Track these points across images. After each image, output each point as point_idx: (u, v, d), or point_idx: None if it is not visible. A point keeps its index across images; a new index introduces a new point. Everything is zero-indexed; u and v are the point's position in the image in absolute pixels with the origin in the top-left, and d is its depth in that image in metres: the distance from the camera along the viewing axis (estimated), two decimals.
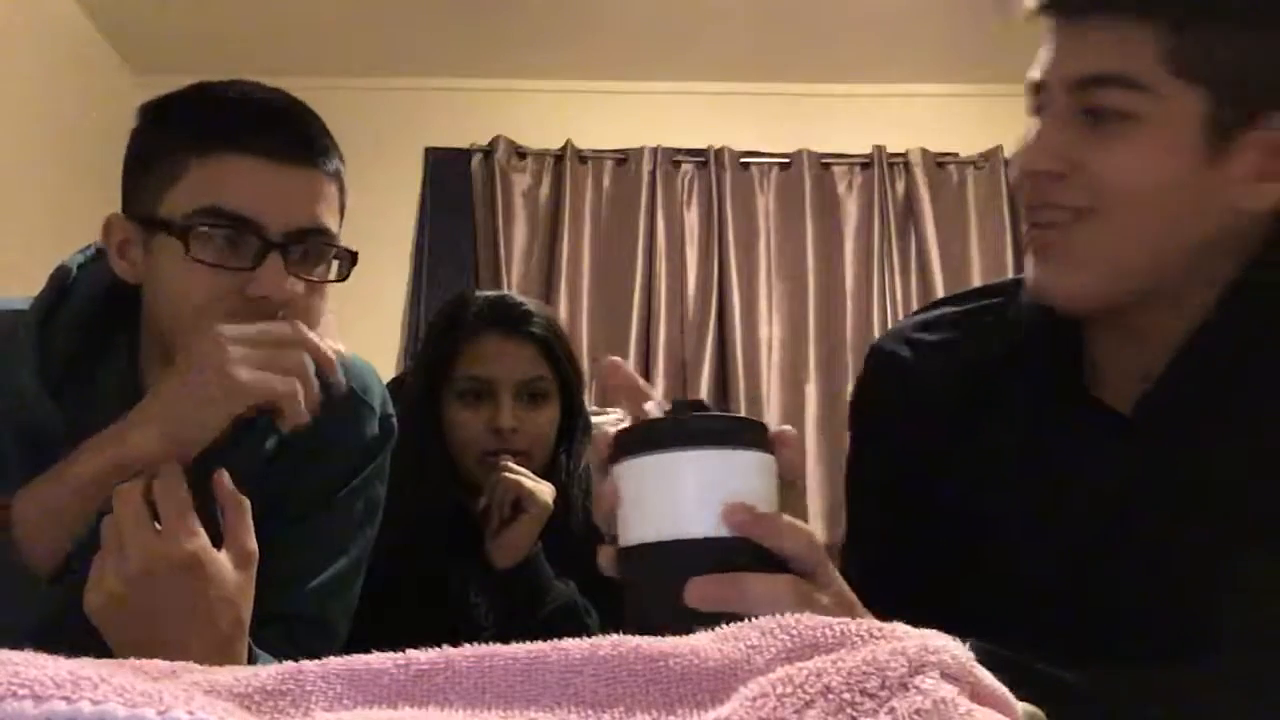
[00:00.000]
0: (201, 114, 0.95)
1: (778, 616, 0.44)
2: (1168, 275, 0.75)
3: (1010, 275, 1.00)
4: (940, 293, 3.26)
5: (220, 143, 0.91)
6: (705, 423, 0.61)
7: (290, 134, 0.94)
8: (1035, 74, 0.78)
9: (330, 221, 0.96)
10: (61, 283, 0.99)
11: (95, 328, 0.98)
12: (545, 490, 1.36)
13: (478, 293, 1.51)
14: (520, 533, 1.34)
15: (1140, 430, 0.77)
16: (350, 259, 0.98)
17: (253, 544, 0.80)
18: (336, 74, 3.43)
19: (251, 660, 0.81)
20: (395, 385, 1.51)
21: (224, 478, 0.81)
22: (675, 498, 0.59)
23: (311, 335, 0.87)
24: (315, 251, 0.95)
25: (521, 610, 1.34)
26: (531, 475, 1.37)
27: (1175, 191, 0.72)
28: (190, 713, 0.33)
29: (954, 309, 0.96)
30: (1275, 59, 0.71)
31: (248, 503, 0.80)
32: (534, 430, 1.42)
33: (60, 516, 0.83)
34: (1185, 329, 0.76)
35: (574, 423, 1.49)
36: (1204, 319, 0.76)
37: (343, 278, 0.99)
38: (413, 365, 1.68)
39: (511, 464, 1.37)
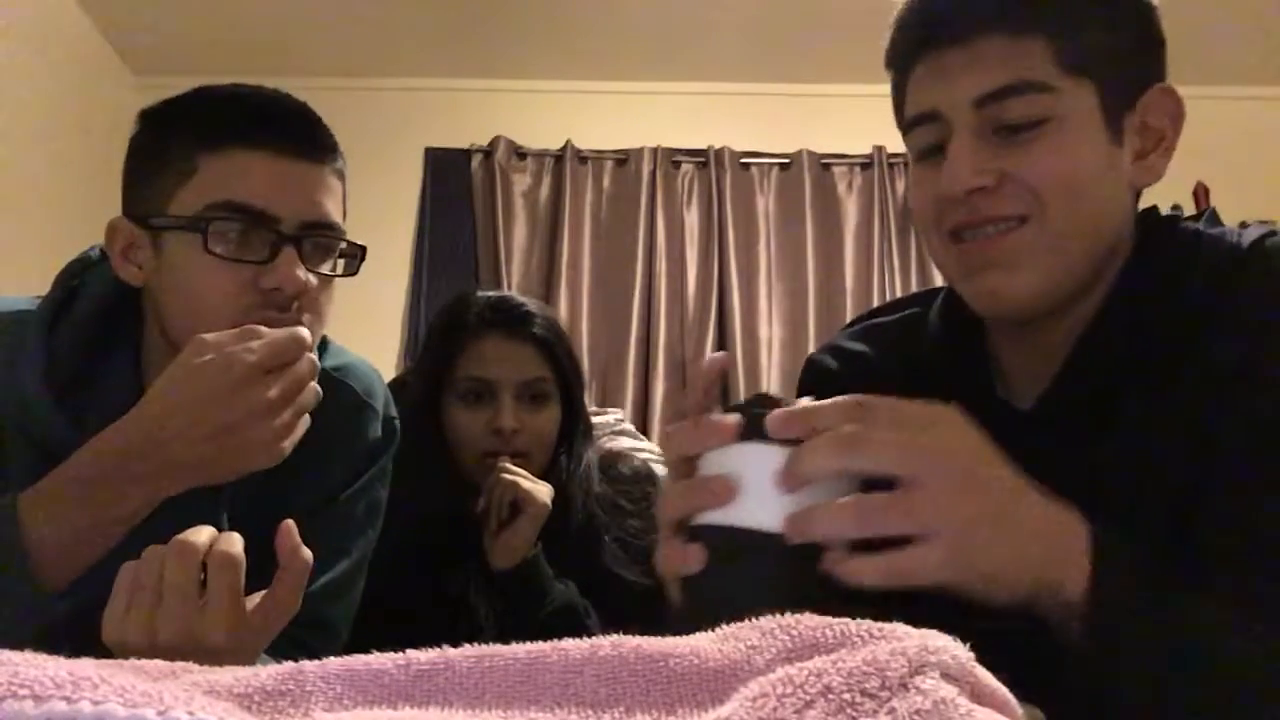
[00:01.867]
0: (210, 112, 0.95)
1: (778, 617, 0.44)
2: (1097, 264, 0.80)
3: None
4: None
5: (231, 139, 0.92)
6: None
7: (299, 130, 0.95)
8: (924, 106, 0.81)
9: (338, 217, 0.98)
10: (69, 284, 0.99)
11: (100, 332, 0.98)
12: (543, 490, 1.35)
13: (479, 293, 1.50)
14: (519, 533, 1.34)
15: (1039, 426, 0.80)
16: (360, 254, 1.00)
17: (297, 605, 0.77)
18: (336, 74, 3.43)
19: None
20: (396, 386, 1.51)
21: (293, 533, 0.76)
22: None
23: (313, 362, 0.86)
24: (325, 246, 0.97)
25: (521, 611, 1.34)
26: (529, 475, 1.36)
27: (1099, 178, 0.78)
28: (190, 713, 0.33)
29: (881, 319, 1.00)
30: (1131, 47, 0.80)
31: (309, 564, 0.77)
32: (535, 431, 1.42)
33: (83, 546, 0.82)
34: (1078, 331, 0.81)
35: (574, 424, 1.49)
36: (1092, 321, 0.81)
37: (352, 272, 1.00)
38: (413, 366, 1.68)
39: (509, 464, 1.36)
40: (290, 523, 0.76)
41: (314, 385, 0.85)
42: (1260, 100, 3.55)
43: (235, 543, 0.74)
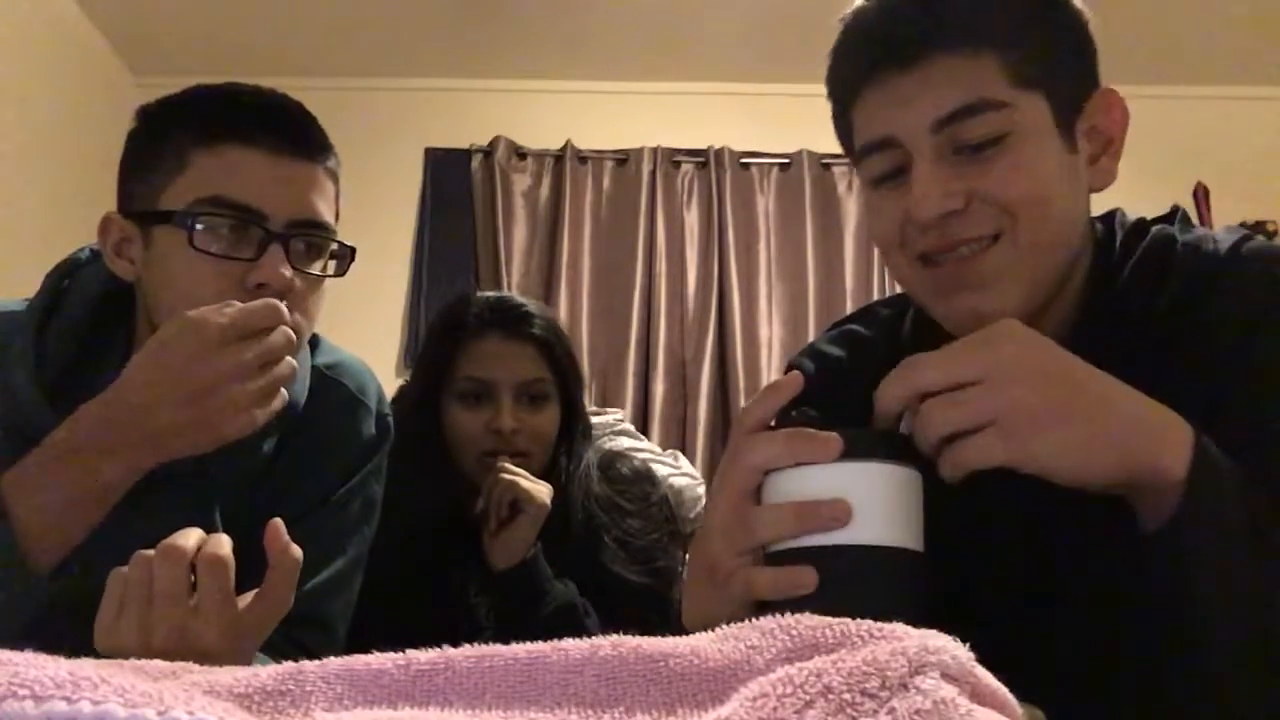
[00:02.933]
0: (204, 110, 0.96)
1: (778, 617, 0.44)
2: (1064, 272, 0.80)
3: None
4: None
5: (224, 136, 0.92)
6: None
7: (291, 130, 0.95)
8: (878, 133, 0.79)
9: (328, 216, 0.97)
10: (58, 285, 0.99)
11: (91, 331, 0.98)
12: (543, 490, 1.35)
13: (478, 293, 1.50)
14: (518, 533, 1.34)
15: None
16: (349, 255, 1.00)
17: (289, 603, 0.77)
18: (336, 74, 3.43)
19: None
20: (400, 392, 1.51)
21: (281, 532, 0.76)
22: (906, 508, 0.62)
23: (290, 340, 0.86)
24: (315, 246, 0.96)
25: (521, 611, 1.34)
26: (528, 475, 1.36)
27: (1062, 187, 0.78)
28: (190, 713, 0.33)
29: (857, 328, 1.00)
30: (1071, 55, 0.80)
31: (299, 562, 0.76)
32: (534, 431, 1.42)
33: (68, 520, 0.83)
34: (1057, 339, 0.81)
35: (574, 424, 1.49)
36: (1070, 330, 0.81)
37: (341, 273, 1.00)
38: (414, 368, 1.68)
39: (508, 464, 1.36)
40: (278, 521, 0.76)
41: (290, 360, 0.86)
42: (1260, 100, 3.54)
43: (223, 544, 0.74)
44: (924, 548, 0.63)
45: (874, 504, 0.61)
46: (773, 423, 0.67)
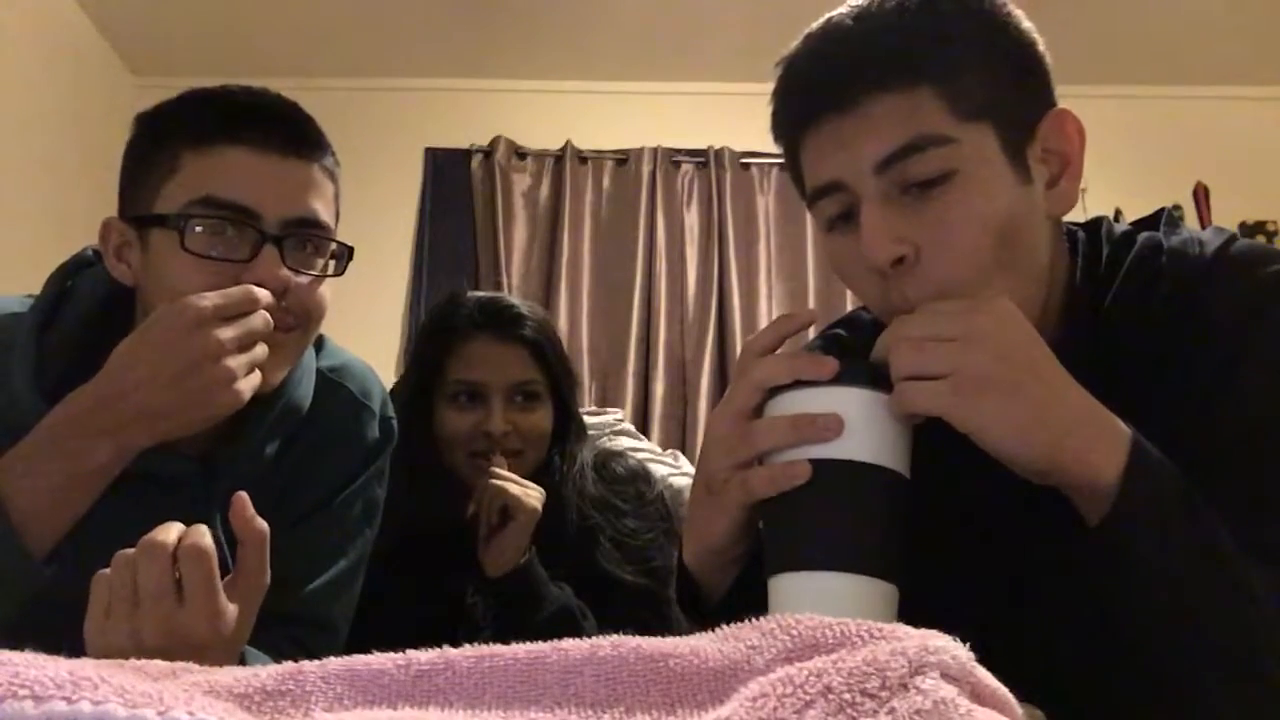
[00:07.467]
0: (197, 111, 0.95)
1: (778, 616, 0.44)
2: (1030, 300, 0.77)
3: None
4: None
5: (215, 136, 0.92)
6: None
7: (283, 128, 0.95)
8: (825, 177, 0.77)
9: (325, 215, 0.96)
10: (62, 285, 0.99)
11: (92, 333, 0.98)
12: (533, 495, 1.33)
13: (469, 294, 1.49)
14: (509, 540, 1.32)
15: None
16: (347, 254, 0.99)
17: (266, 579, 0.77)
18: (337, 74, 3.43)
19: (241, 662, 0.81)
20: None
21: (246, 505, 0.76)
22: (894, 434, 0.67)
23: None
24: (312, 245, 0.96)
25: (517, 616, 1.33)
26: (519, 480, 1.34)
27: (1016, 219, 0.75)
28: (190, 713, 0.33)
29: (841, 332, 1.00)
30: (1016, 80, 0.77)
31: (266, 533, 0.77)
32: (528, 430, 1.41)
33: (62, 503, 0.84)
34: None
35: (566, 425, 1.48)
36: (1059, 347, 0.78)
37: (339, 272, 0.99)
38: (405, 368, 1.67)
39: (499, 470, 1.34)
40: (243, 495, 0.77)
41: (264, 346, 0.88)
42: (1260, 100, 3.54)
43: (204, 535, 0.74)
44: (909, 475, 0.67)
45: (864, 426, 0.65)
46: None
